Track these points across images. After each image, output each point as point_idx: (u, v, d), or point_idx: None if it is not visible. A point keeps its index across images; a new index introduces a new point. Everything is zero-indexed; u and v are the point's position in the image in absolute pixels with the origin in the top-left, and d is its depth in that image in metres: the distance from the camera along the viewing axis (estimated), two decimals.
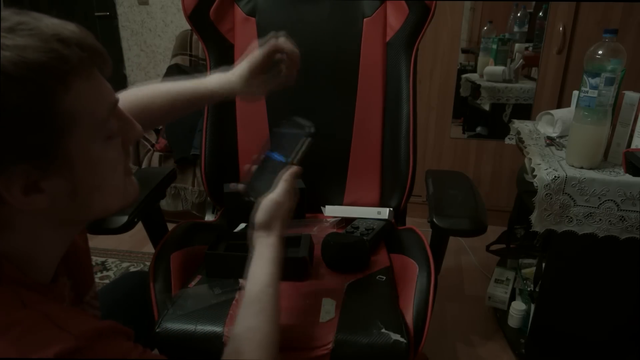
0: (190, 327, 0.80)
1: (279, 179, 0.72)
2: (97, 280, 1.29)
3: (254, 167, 0.78)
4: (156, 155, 2.21)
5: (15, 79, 0.41)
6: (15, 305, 0.45)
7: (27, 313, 0.44)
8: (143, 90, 0.83)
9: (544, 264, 1.31)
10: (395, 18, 1.15)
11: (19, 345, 0.42)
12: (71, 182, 0.49)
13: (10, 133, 0.42)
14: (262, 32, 1.19)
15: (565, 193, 1.14)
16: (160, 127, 2.15)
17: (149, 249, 1.06)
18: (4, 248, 0.49)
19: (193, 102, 0.85)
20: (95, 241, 2.09)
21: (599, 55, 1.06)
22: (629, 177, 1.12)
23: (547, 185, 1.13)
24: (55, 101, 0.44)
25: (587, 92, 1.09)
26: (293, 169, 0.73)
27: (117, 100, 0.54)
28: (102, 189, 0.53)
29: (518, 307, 1.52)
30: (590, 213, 1.15)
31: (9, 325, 0.43)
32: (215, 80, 0.83)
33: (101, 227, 0.85)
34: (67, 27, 0.46)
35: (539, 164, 1.18)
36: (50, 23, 0.45)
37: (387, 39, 1.16)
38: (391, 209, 1.14)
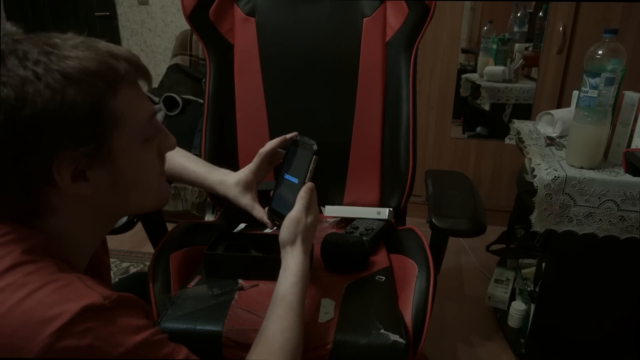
0: (189, 327, 0.80)
1: (295, 198, 0.77)
2: None
3: (272, 192, 0.84)
4: None
5: (75, 81, 0.50)
6: (54, 269, 0.52)
7: (63, 275, 0.52)
8: None
9: (544, 264, 1.31)
10: (394, 18, 1.15)
11: (54, 295, 0.49)
12: (112, 175, 0.57)
13: (67, 122, 0.51)
14: (261, 32, 1.19)
15: (565, 193, 1.14)
16: None
17: (149, 249, 1.06)
18: (48, 230, 0.57)
19: (193, 184, 0.96)
20: None
21: (599, 55, 1.06)
22: (629, 177, 1.12)
23: (547, 185, 1.13)
24: (104, 101, 0.53)
25: (587, 92, 1.09)
26: (306, 185, 0.78)
27: (155, 112, 0.62)
28: (138, 185, 0.61)
29: (518, 307, 1.51)
30: (590, 213, 1.15)
31: (46, 282, 0.49)
32: (217, 178, 0.91)
33: None
34: (118, 48, 0.56)
35: (539, 164, 1.18)
36: (105, 44, 0.56)
37: (387, 38, 1.16)
38: (391, 209, 1.14)
